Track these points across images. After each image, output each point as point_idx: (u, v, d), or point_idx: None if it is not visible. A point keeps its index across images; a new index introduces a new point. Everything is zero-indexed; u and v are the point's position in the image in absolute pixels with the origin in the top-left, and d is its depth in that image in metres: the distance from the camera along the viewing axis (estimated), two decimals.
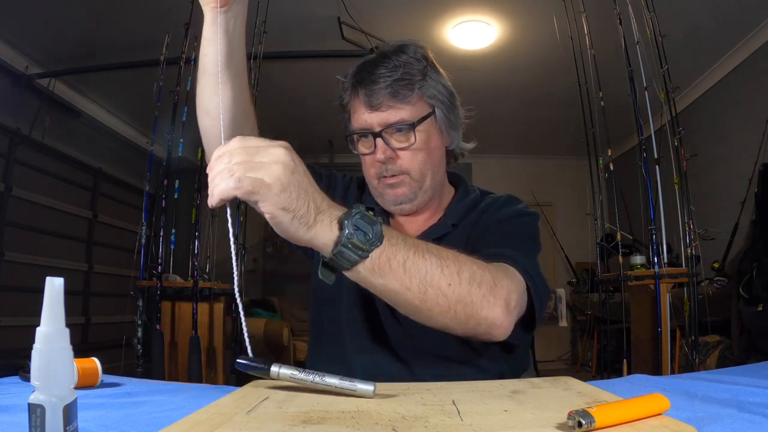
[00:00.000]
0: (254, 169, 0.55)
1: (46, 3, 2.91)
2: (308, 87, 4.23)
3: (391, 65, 0.87)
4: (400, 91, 0.87)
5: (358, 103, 0.90)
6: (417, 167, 0.90)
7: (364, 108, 0.88)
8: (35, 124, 3.49)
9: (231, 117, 0.77)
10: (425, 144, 0.90)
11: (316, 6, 3.12)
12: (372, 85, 0.87)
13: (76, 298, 4.02)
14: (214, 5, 0.67)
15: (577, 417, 0.40)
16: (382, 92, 0.86)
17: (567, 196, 5.27)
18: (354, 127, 0.92)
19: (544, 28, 3.14)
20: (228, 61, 0.73)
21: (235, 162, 0.55)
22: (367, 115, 0.88)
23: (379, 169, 0.90)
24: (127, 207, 4.44)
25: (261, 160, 0.56)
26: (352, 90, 0.91)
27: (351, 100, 0.92)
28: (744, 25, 3.20)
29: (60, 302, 0.37)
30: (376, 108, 0.87)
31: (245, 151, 0.56)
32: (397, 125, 0.88)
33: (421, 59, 0.89)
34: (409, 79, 0.87)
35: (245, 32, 0.76)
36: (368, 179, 0.95)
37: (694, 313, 2.30)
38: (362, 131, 0.90)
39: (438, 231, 0.93)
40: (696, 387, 0.62)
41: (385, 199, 0.93)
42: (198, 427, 0.42)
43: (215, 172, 0.56)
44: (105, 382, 0.72)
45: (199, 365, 2.55)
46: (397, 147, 0.89)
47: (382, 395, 0.55)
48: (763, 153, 2.90)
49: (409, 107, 0.88)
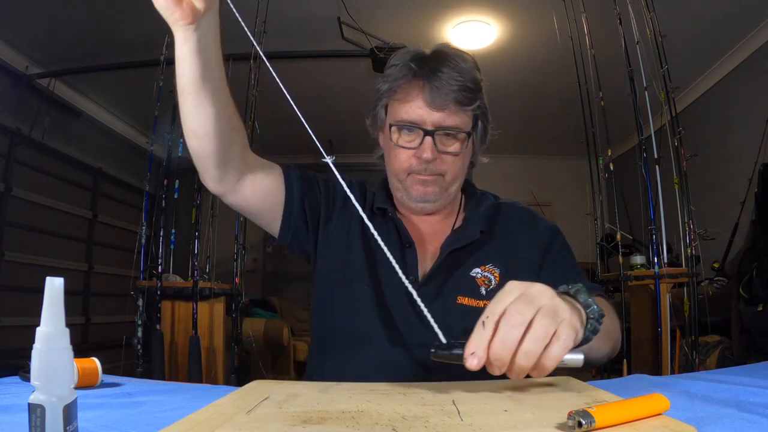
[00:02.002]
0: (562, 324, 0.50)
1: (46, 3, 2.91)
2: (308, 87, 4.23)
3: (457, 68, 0.86)
4: (465, 98, 0.87)
5: (413, 95, 0.88)
6: (453, 172, 0.91)
7: (424, 103, 0.86)
8: (35, 124, 3.49)
9: (218, 135, 0.76)
10: (465, 153, 0.92)
11: (316, 6, 3.12)
12: (438, 83, 0.85)
13: (76, 298, 4.02)
14: (183, 23, 0.63)
15: (577, 417, 0.40)
16: (448, 94, 0.85)
17: (567, 196, 5.26)
18: (403, 118, 0.88)
19: (544, 28, 3.14)
20: (205, 79, 0.70)
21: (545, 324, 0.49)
22: (425, 111, 0.87)
23: (416, 165, 0.89)
24: (127, 207, 4.44)
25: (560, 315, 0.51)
26: (412, 79, 0.88)
27: (404, 88, 0.89)
28: (744, 25, 3.20)
29: (60, 302, 0.37)
30: (437, 108, 0.86)
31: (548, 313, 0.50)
32: (451, 130, 0.88)
33: (478, 71, 0.90)
34: (473, 87, 0.87)
35: (220, 44, 0.72)
36: (395, 171, 0.92)
37: (694, 313, 2.30)
38: (412, 125, 0.88)
39: (467, 237, 0.92)
40: (696, 387, 0.62)
41: (410, 194, 0.92)
42: (198, 427, 0.42)
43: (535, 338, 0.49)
44: (105, 382, 0.72)
45: (199, 365, 2.55)
46: (443, 150, 0.88)
47: (382, 391, 0.55)
48: (763, 153, 2.90)
49: (464, 116, 0.89)
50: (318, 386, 0.60)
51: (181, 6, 0.60)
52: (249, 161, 0.86)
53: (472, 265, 0.90)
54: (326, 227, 0.96)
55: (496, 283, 0.88)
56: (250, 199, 0.89)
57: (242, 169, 0.85)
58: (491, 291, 0.87)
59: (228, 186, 0.85)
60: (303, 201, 0.93)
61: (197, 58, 0.67)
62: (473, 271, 0.90)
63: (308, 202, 0.94)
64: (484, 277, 0.89)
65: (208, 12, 0.64)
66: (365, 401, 0.52)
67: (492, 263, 0.91)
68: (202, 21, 0.64)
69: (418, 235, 0.94)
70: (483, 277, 0.89)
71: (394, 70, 0.90)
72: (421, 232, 0.96)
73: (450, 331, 0.85)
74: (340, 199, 0.99)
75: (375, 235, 0.61)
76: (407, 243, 0.92)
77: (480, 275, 0.89)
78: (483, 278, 0.89)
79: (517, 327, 0.49)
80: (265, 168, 0.90)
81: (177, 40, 0.66)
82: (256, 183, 0.88)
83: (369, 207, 0.99)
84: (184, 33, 0.65)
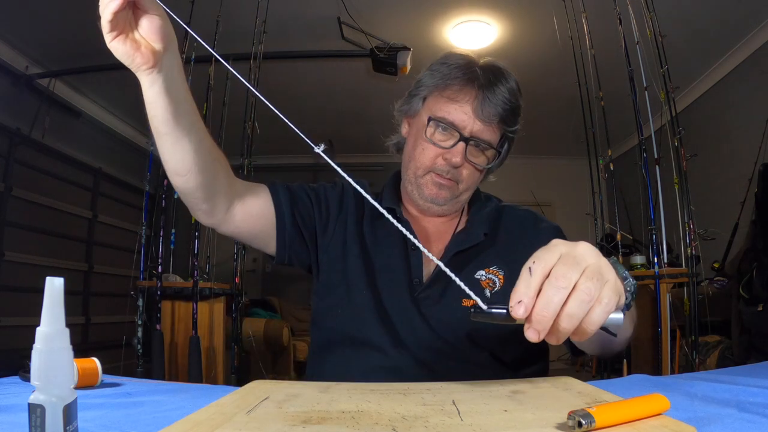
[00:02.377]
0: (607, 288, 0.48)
1: (46, 3, 2.91)
2: (308, 87, 4.24)
3: (509, 87, 0.88)
4: (509, 119, 0.89)
5: (463, 98, 0.88)
6: (468, 183, 0.92)
7: (471, 109, 0.87)
8: (35, 124, 3.49)
9: (201, 169, 0.75)
10: (485, 168, 0.93)
11: (316, 6, 3.12)
12: (493, 96, 0.87)
13: (76, 298, 4.02)
14: (146, 68, 0.62)
15: (577, 417, 0.40)
16: (496, 108, 0.87)
17: (567, 196, 5.27)
18: (445, 117, 0.88)
19: (544, 28, 3.14)
20: (178, 116, 0.69)
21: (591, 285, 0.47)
22: (470, 117, 0.87)
23: (440, 166, 0.89)
24: (127, 207, 4.45)
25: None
26: (467, 83, 0.88)
27: (457, 88, 0.88)
28: (744, 25, 3.20)
29: (60, 302, 0.37)
30: (483, 119, 0.87)
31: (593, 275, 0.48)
32: (485, 143, 0.90)
33: (521, 95, 0.92)
34: (518, 111, 0.90)
35: (186, 78, 0.72)
36: (416, 164, 0.92)
37: (694, 313, 2.30)
38: (453, 126, 0.88)
39: (471, 239, 0.92)
40: (696, 387, 0.62)
41: (423, 192, 0.92)
42: (198, 427, 0.42)
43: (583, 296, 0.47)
44: (105, 382, 0.72)
45: (199, 365, 2.55)
46: (470, 160, 0.90)
47: (382, 391, 0.55)
48: (763, 153, 2.90)
49: (499, 133, 0.91)
50: (318, 386, 0.60)
51: (141, 51, 0.60)
52: (236, 188, 0.85)
53: (476, 268, 0.90)
54: (324, 236, 0.95)
55: (500, 285, 0.89)
56: (242, 225, 0.88)
57: (230, 198, 0.84)
58: (495, 293, 0.87)
59: (219, 217, 0.84)
60: (294, 216, 0.92)
61: (166, 97, 0.66)
62: (477, 274, 0.90)
63: (300, 215, 0.93)
64: (488, 280, 0.89)
65: (168, 50, 0.63)
66: (365, 401, 0.52)
67: (496, 265, 0.91)
68: (164, 60, 0.63)
69: (423, 237, 0.94)
70: (487, 279, 0.89)
71: (447, 68, 0.89)
72: (427, 234, 0.96)
73: (455, 334, 0.85)
74: (334, 205, 0.98)
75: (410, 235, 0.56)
76: (412, 245, 0.91)
77: (484, 278, 0.89)
78: (487, 281, 0.89)
79: (561, 290, 0.47)
80: (252, 191, 0.89)
81: (143, 85, 0.65)
82: (246, 209, 0.87)
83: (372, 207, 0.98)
84: (148, 77, 0.64)
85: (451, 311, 0.85)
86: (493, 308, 0.51)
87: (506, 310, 0.49)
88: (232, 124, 3.05)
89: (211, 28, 2.79)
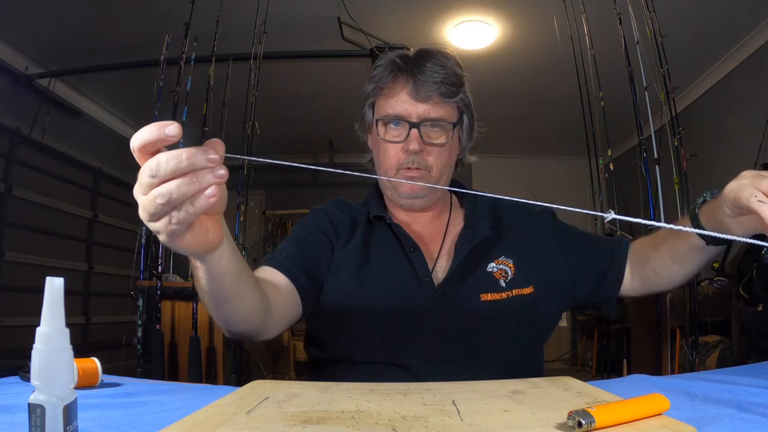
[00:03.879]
0: None
1: (46, 3, 2.91)
2: (308, 87, 4.24)
3: (439, 63, 0.89)
4: (448, 90, 0.89)
5: (398, 90, 0.90)
6: (440, 166, 0.91)
7: (408, 96, 0.89)
8: (35, 124, 3.49)
9: (257, 311, 0.72)
10: (451, 145, 0.93)
11: (316, 6, 3.12)
12: (422, 75, 0.87)
13: (76, 298, 4.02)
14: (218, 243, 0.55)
15: (577, 417, 0.40)
16: (431, 86, 0.87)
17: (567, 196, 5.26)
18: (388, 113, 0.90)
19: (544, 28, 3.14)
20: (241, 274, 0.64)
21: None
22: (410, 104, 0.89)
23: (404, 159, 0.90)
24: (127, 207, 4.42)
25: None
26: (397, 75, 0.90)
27: (389, 84, 0.91)
28: (744, 25, 3.20)
29: (60, 302, 0.37)
30: (422, 99, 0.88)
31: None
32: (437, 121, 0.90)
33: (460, 68, 0.92)
34: (455, 81, 0.90)
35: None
36: (384, 170, 0.93)
37: (694, 313, 2.30)
38: (398, 118, 0.90)
39: (480, 234, 0.93)
40: (696, 387, 0.62)
41: (400, 191, 0.93)
42: (198, 427, 0.42)
43: None
44: (105, 382, 0.72)
45: (199, 365, 2.55)
46: (429, 142, 0.90)
47: (382, 391, 0.55)
48: (763, 153, 2.90)
49: (448, 108, 0.91)
50: (318, 386, 0.60)
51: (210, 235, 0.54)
52: (274, 304, 0.79)
53: (487, 261, 0.91)
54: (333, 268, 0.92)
55: (512, 273, 0.89)
56: (286, 322, 0.85)
57: (274, 313, 0.80)
58: (510, 281, 0.89)
59: (272, 330, 0.81)
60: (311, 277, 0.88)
61: (233, 261, 0.61)
62: (489, 267, 0.90)
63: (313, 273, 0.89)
64: (500, 270, 0.90)
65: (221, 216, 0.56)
66: (365, 401, 0.52)
67: (504, 255, 0.92)
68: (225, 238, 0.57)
69: (417, 238, 0.94)
70: (500, 270, 0.90)
71: (378, 70, 0.92)
72: (419, 235, 0.95)
73: (476, 331, 0.85)
74: (332, 234, 0.95)
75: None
76: (411, 247, 0.91)
77: (496, 269, 0.90)
78: (500, 271, 0.90)
79: None
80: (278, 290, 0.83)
81: (207, 264, 0.58)
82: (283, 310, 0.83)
83: (365, 219, 0.97)
84: (217, 251, 0.57)
85: (473, 309, 0.86)
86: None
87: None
88: (232, 124, 3.05)
89: (211, 28, 2.79)
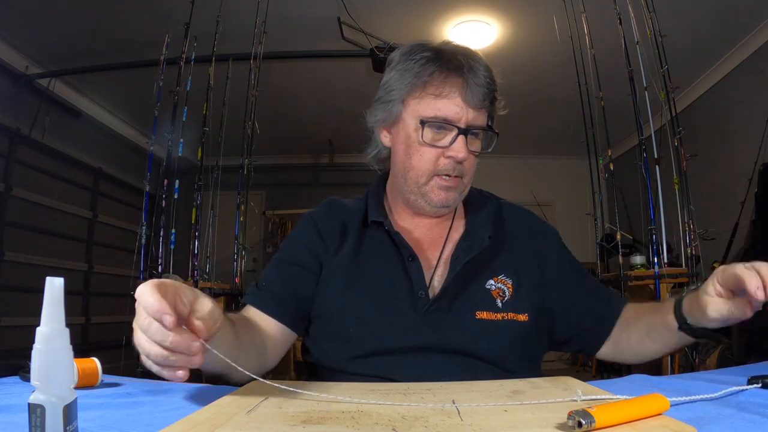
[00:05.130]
0: None
1: (46, 3, 2.91)
2: (308, 87, 4.23)
3: (485, 65, 0.84)
4: (495, 98, 0.85)
5: (449, 91, 0.82)
6: (471, 173, 0.88)
7: (462, 100, 0.82)
8: (35, 124, 3.49)
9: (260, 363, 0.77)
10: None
11: (316, 6, 3.12)
12: (477, 79, 0.81)
13: (76, 298, 4.02)
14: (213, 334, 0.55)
15: (577, 417, 0.40)
16: (483, 91, 0.82)
17: (567, 196, 5.27)
18: (437, 115, 0.82)
19: (544, 28, 3.14)
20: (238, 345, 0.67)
21: None
22: (461, 108, 0.82)
23: (445, 166, 0.84)
24: (127, 207, 4.44)
25: None
26: (448, 74, 0.82)
27: (439, 82, 0.82)
28: (744, 25, 3.20)
29: (60, 302, 0.37)
30: (475, 106, 0.82)
31: None
32: (480, 129, 0.85)
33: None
34: (496, 89, 0.85)
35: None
36: (416, 174, 0.86)
37: None
38: (447, 122, 0.82)
39: (478, 245, 0.87)
40: (696, 387, 0.62)
41: (431, 200, 0.86)
42: (198, 427, 0.42)
43: None
44: (105, 382, 0.72)
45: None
46: (471, 150, 0.85)
47: (382, 391, 0.55)
48: (763, 153, 2.90)
49: (486, 115, 0.86)
50: (318, 386, 0.60)
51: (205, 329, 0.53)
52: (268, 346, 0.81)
53: (486, 277, 0.85)
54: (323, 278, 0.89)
55: (509, 295, 0.85)
56: (283, 352, 0.86)
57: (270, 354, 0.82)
58: (507, 302, 0.83)
59: (271, 363, 0.83)
60: (298, 304, 0.87)
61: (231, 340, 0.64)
62: (488, 284, 0.85)
63: (302, 297, 0.87)
64: (498, 289, 0.85)
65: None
66: (365, 401, 0.52)
67: (504, 274, 0.87)
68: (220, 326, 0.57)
69: (416, 246, 0.88)
70: (497, 288, 0.85)
71: (417, 63, 0.83)
72: (418, 242, 0.90)
73: (473, 348, 0.80)
74: (319, 247, 0.90)
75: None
76: (410, 256, 0.85)
77: (494, 287, 0.85)
78: (498, 290, 0.85)
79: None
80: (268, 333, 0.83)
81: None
82: (278, 348, 0.85)
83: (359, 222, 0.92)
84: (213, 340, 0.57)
85: (467, 325, 0.81)
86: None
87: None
88: (232, 124, 3.05)
89: (211, 28, 2.80)
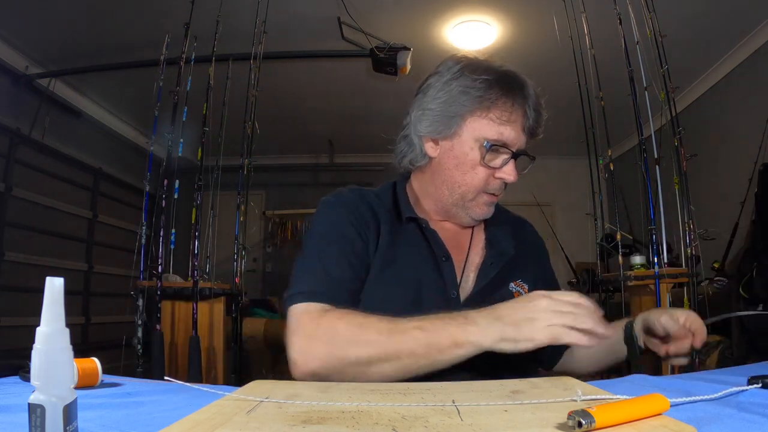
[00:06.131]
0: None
1: (46, 3, 2.91)
2: (308, 87, 4.23)
3: (537, 94, 0.89)
4: (540, 125, 0.90)
5: (514, 117, 0.86)
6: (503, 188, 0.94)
7: (522, 127, 0.87)
8: (35, 124, 3.49)
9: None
10: None
11: (316, 6, 3.11)
12: (535, 109, 0.87)
13: (76, 298, 4.03)
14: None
15: (577, 417, 0.40)
16: (539, 122, 0.89)
17: (567, 196, 5.27)
18: (499, 138, 0.86)
19: (544, 28, 3.14)
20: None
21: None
22: (520, 134, 0.88)
23: (494, 185, 0.90)
24: (127, 207, 4.44)
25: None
26: (515, 102, 0.86)
27: (505, 108, 0.86)
28: (744, 25, 3.20)
29: (60, 302, 0.37)
30: (530, 133, 0.89)
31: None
32: (525, 155, 0.91)
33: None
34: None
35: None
36: (469, 189, 0.89)
37: None
38: (506, 146, 0.87)
39: (506, 253, 0.94)
40: (696, 387, 0.62)
41: (473, 212, 0.92)
42: (198, 427, 0.42)
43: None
44: (105, 382, 0.72)
45: (199, 365, 2.55)
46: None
47: (382, 391, 0.55)
48: (763, 153, 2.90)
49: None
50: (318, 386, 0.60)
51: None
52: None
53: (508, 280, 0.92)
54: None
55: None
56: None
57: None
58: None
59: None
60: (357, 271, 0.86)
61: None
62: (510, 286, 0.91)
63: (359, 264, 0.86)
64: (517, 292, 0.91)
65: None
66: (365, 401, 0.52)
67: (521, 278, 0.93)
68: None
69: (448, 247, 0.91)
70: (516, 291, 0.91)
71: (484, 83, 0.85)
72: (449, 244, 0.92)
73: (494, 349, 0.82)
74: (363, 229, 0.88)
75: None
76: (444, 256, 0.88)
77: (515, 290, 0.91)
78: (516, 293, 0.91)
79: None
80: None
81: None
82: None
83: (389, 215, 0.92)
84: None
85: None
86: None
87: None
88: (232, 124, 3.05)
89: (211, 28, 2.79)
